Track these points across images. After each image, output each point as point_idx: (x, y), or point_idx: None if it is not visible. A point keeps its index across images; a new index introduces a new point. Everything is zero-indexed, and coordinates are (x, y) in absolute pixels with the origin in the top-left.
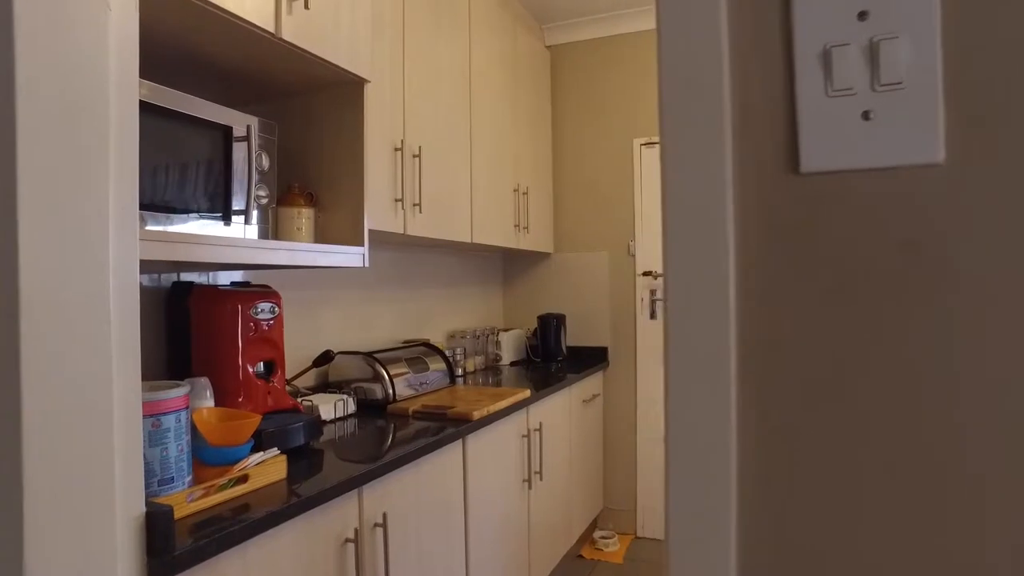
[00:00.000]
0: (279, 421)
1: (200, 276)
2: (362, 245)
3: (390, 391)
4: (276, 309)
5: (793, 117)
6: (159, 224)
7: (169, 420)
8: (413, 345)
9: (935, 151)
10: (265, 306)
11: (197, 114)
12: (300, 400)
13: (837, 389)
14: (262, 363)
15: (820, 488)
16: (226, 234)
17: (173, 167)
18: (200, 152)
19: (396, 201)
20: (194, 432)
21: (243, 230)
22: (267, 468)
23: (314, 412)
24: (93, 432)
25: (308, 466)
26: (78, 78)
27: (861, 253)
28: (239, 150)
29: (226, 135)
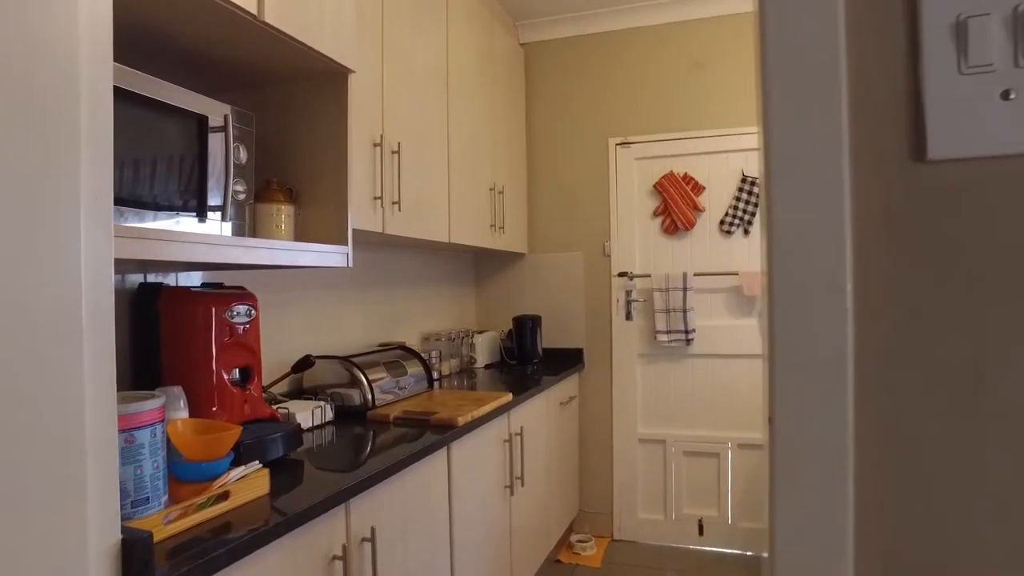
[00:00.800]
0: (258, 431)
1: (164, 277)
2: (346, 244)
3: (369, 397)
4: (252, 312)
5: (918, 99)
6: (127, 220)
7: (144, 435)
8: (389, 348)
9: None
10: (241, 309)
11: (170, 101)
12: (276, 408)
13: (972, 396)
14: (237, 370)
15: (950, 507)
16: (203, 231)
17: (143, 159)
18: (173, 143)
19: (375, 199)
20: (168, 446)
21: (219, 227)
22: (249, 483)
23: (291, 421)
24: (62, 451)
25: (290, 479)
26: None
27: (1001, 249)
28: (215, 141)
29: (201, 125)
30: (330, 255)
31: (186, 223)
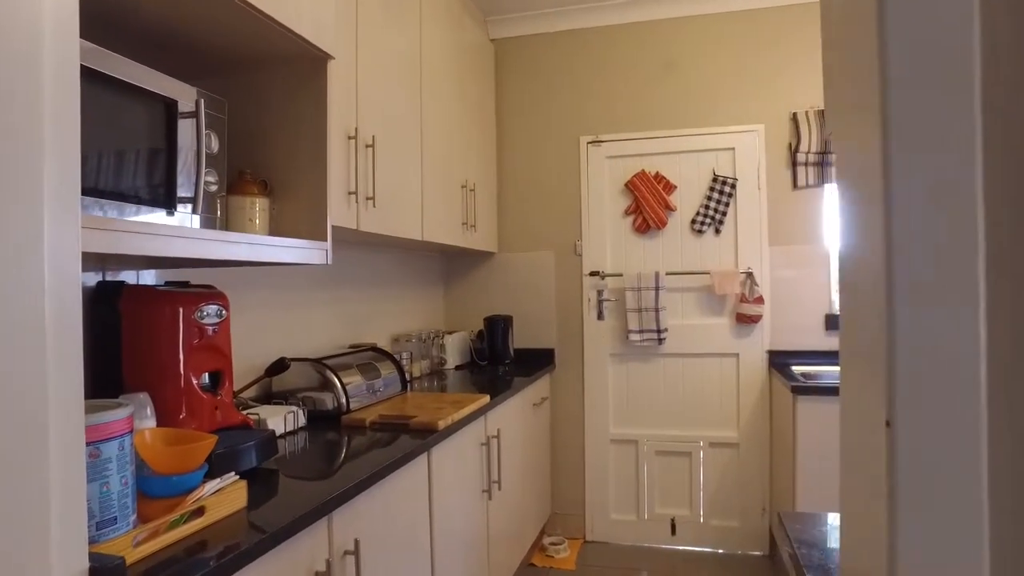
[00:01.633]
0: (231, 440)
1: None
2: (325, 240)
3: (343, 400)
4: (223, 312)
5: None
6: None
7: (111, 448)
8: (361, 350)
9: None
10: (211, 309)
11: (137, 83)
12: (246, 414)
13: None
14: (207, 374)
15: None
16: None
17: (106, 146)
18: (139, 129)
19: (350, 194)
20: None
21: (189, 220)
22: (226, 497)
23: (264, 427)
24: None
25: (267, 491)
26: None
27: None
28: (185, 128)
29: (170, 110)
30: (309, 251)
31: (153, 216)
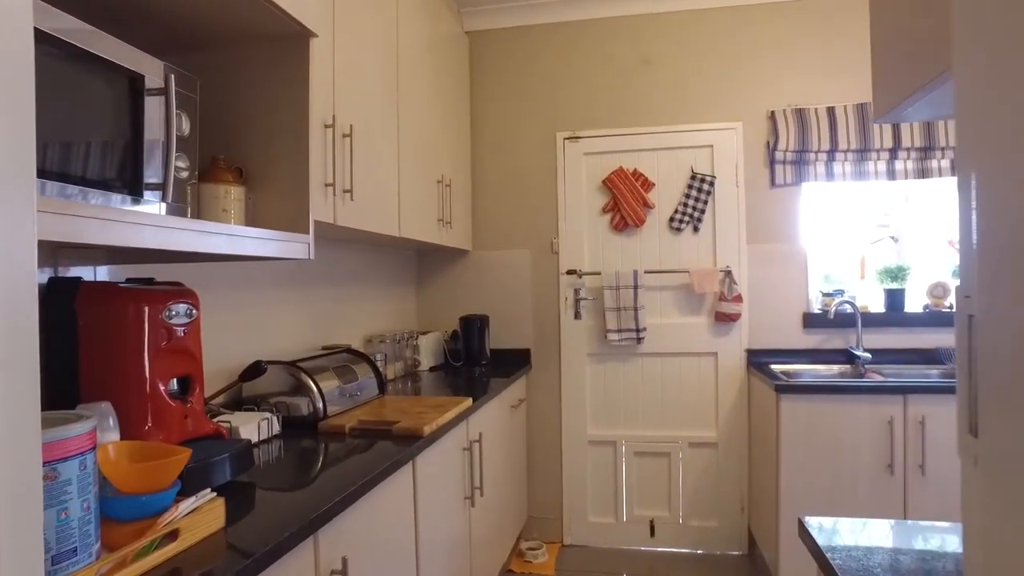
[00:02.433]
0: (204, 451)
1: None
2: (307, 233)
3: (319, 405)
4: (193, 311)
5: None
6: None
7: (70, 468)
8: (336, 352)
9: None
10: (180, 308)
11: (99, 52)
12: (217, 422)
13: None
14: (176, 380)
15: None
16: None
17: (64, 122)
18: (101, 105)
19: (327, 186)
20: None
21: (158, 208)
22: (202, 517)
23: (237, 437)
24: None
25: (244, 508)
26: None
27: None
28: (153, 106)
29: (135, 85)
30: (290, 245)
31: (116, 202)
